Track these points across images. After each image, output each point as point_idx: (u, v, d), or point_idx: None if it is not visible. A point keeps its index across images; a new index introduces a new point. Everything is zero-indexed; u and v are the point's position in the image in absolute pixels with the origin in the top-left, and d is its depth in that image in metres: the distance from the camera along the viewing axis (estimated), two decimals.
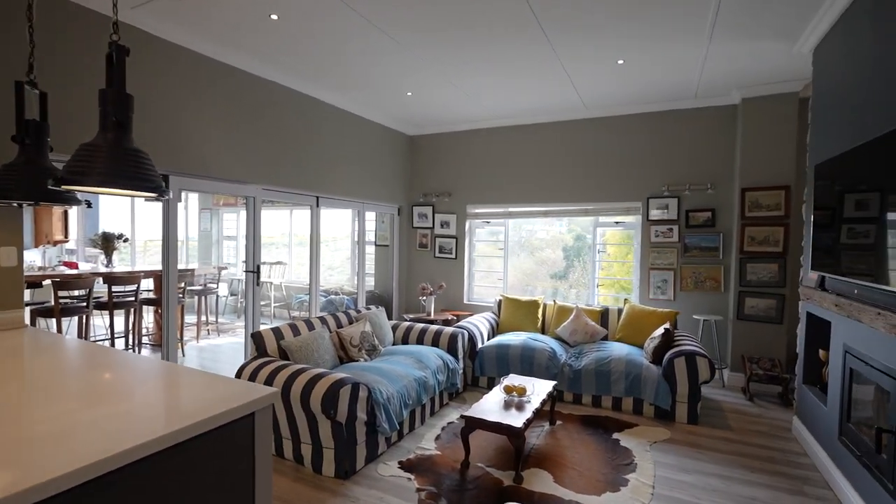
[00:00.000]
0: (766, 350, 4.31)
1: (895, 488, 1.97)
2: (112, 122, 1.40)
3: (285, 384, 2.68)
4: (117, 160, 1.37)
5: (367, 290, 5.80)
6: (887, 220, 2.02)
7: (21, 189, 1.84)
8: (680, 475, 2.73)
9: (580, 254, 6.79)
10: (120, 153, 1.38)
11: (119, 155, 1.38)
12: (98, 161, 1.34)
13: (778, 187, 4.26)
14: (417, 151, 6.25)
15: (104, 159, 1.35)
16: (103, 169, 1.34)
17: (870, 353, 2.23)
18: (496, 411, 2.83)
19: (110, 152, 1.37)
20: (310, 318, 3.65)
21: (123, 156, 1.38)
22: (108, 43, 1.41)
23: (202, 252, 8.14)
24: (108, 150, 1.37)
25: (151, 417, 1.27)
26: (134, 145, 1.44)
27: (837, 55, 2.90)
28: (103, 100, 1.40)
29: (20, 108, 1.93)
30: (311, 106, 4.56)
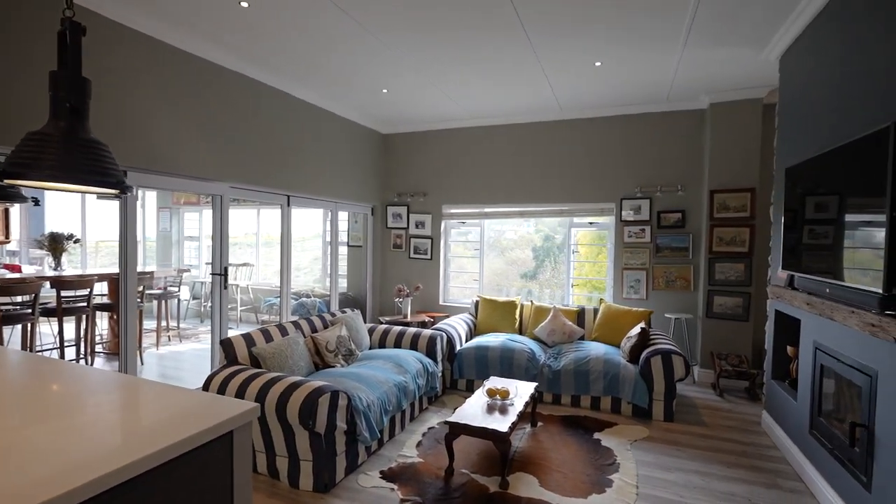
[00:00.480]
0: (733, 346, 4.46)
1: (868, 480, 2.04)
2: (65, 108, 1.24)
3: (259, 394, 2.52)
4: (71, 152, 1.21)
5: (339, 293, 5.63)
6: (857, 223, 2.10)
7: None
8: (662, 473, 2.75)
9: (549, 254, 6.88)
10: (75, 144, 1.22)
11: (74, 146, 1.22)
12: (49, 152, 1.18)
13: (744, 189, 4.41)
14: (391, 150, 6.13)
15: (56, 150, 1.19)
16: (55, 161, 1.18)
17: (842, 349, 2.31)
18: (480, 416, 2.77)
19: (63, 143, 1.21)
20: (282, 323, 3.47)
21: (79, 147, 1.22)
22: (61, 19, 1.25)
23: (161, 253, 7.69)
24: (61, 141, 1.21)
25: (108, 445, 1.12)
26: (91, 135, 1.28)
27: (804, 63, 3.01)
28: (55, 83, 1.24)
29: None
30: (281, 101, 4.37)
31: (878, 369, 1.99)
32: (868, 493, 2.03)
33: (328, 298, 5.65)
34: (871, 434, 2.03)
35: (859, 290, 2.02)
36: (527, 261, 7.04)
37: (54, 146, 1.19)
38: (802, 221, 2.69)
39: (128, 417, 1.31)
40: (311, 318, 3.78)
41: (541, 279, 6.54)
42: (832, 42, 2.58)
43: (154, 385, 1.55)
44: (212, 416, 1.28)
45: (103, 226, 7.16)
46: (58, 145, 1.20)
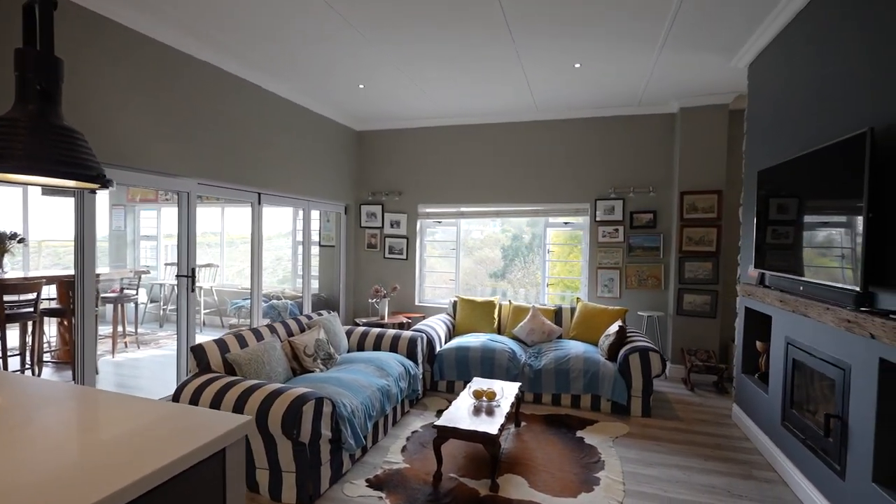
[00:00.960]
0: (701, 342, 4.64)
1: (842, 468, 2.15)
2: (35, 90, 1.09)
3: (237, 403, 2.37)
4: (43, 140, 1.07)
5: (312, 294, 5.44)
6: (832, 224, 2.21)
7: None
8: (645, 469, 2.81)
9: (518, 253, 6.96)
10: (47, 131, 1.08)
11: (45, 133, 1.08)
12: (17, 140, 1.04)
13: (711, 191, 4.60)
14: (366, 148, 6.00)
15: (26, 138, 1.05)
16: (24, 151, 1.04)
17: (814, 344, 2.43)
18: (468, 418, 2.73)
19: (33, 129, 1.07)
20: (257, 327, 3.30)
21: (52, 134, 1.08)
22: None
23: (114, 254, 7.19)
24: (31, 127, 1.07)
25: (84, 470, 0.99)
26: (64, 121, 1.14)
27: (773, 71, 3.16)
28: (22, 62, 1.09)
29: None
30: (253, 94, 4.17)
31: (851, 363, 2.10)
32: (842, 480, 2.14)
33: (300, 300, 5.45)
34: (844, 425, 2.14)
35: (835, 287, 2.12)
36: (496, 260, 7.10)
37: (23, 133, 1.05)
38: (775, 222, 2.82)
39: (106, 438, 1.17)
40: (287, 321, 3.62)
41: (510, 278, 6.59)
42: (803, 52, 2.71)
43: (131, 399, 1.41)
44: (201, 432, 1.18)
45: (47, 224, 6.62)
46: (27, 132, 1.05)
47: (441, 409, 3.72)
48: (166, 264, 6.81)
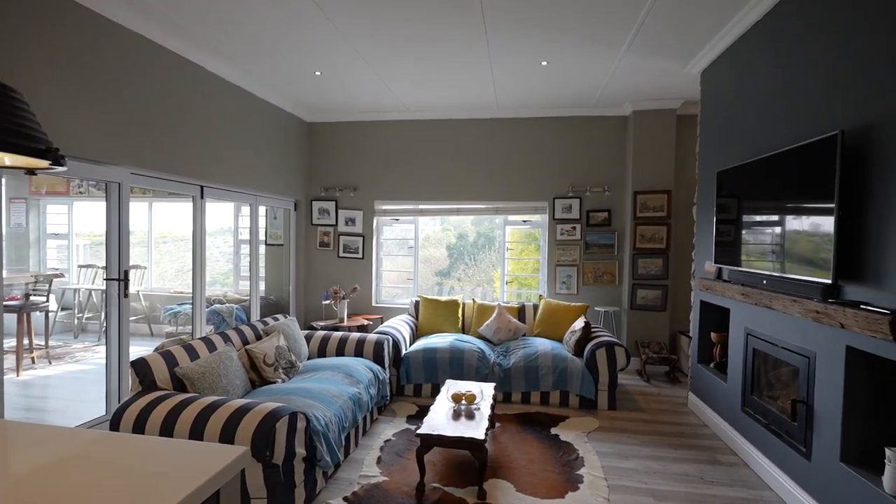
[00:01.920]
0: (653, 335, 4.87)
1: (808, 450, 2.30)
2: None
3: (196, 425, 2.07)
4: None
5: (259, 297, 5.02)
6: (799, 221, 2.35)
7: None
8: (622, 462, 2.86)
9: (464, 252, 6.98)
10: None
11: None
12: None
13: (662, 191, 4.84)
14: (317, 140, 5.65)
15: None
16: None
17: (776, 335, 2.59)
18: (450, 424, 2.61)
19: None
20: (208, 336, 2.94)
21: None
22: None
23: (13, 255, 6.19)
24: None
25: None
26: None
27: (726, 78, 3.34)
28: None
29: None
30: (194, 75, 3.72)
31: (816, 351, 2.25)
32: (808, 461, 2.29)
33: (246, 304, 5.01)
34: (810, 409, 2.29)
35: (803, 281, 2.26)
36: (441, 259, 7.06)
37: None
38: (737, 221, 2.98)
39: (74, 488, 0.91)
40: (241, 327, 3.28)
41: (456, 276, 6.57)
42: (760, 61, 2.88)
43: (72, 433, 1.13)
44: (192, 473, 0.96)
45: None
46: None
47: (411, 414, 3.56)
48: (80, 266, 5.98)
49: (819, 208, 2.12)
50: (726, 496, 2.51)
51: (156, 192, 5.86)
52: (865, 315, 1.83)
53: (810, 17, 2.38)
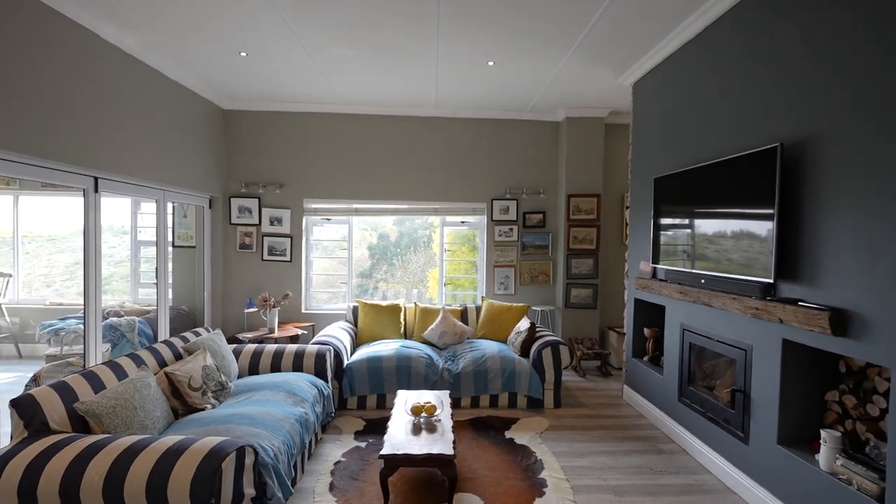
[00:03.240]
0: (586, 332, 5.11)
1: (745, 435, 2.51)
2: None
3: (112, 476, 1.65)
4: None
5: (169, 306, 4.36)
6: (739, 225, 2.56)
7: None
8: (578, 460, 2.90)
9: (386, 253, 6.83)
10: None
11: None
12: None
13: (592, 195, 5.10)
14: (235, 130, 5.06)
15: None
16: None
17: (713, 329, 2.80)
18: (413, 440, 2.44)
19: None
20: (114, 360, 2.44)
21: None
22: None
23: None
24: None
25: None
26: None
27: (658, 91, 3.59)
28: None
29: None
30: (86, 42, 3.08)
31: (753, 344, 2.46)
32: (746, 445, 2.50)
33: (149, 315, 4.32)
34: (747, 397, 2.50)
35: (742, 280, 2.45)
36: (362, 259, 6.83)
37: None
38: (675, 224, 3.19)
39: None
40: (155, 347, 2.77)
41: (376, 278, 6.39)
42: (695, 76, 3.11)
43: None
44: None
45: None
46: None
47: (358, 430, 3.31)
48: None
49: (759, 213, 2.32)
50: (674, 484, 2.66)
51: (24, 184, 4.83)
52: (805, 311, 2.02)
53: (743, 40, 2.61)
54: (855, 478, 1.88)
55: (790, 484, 2.19)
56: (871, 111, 1.83)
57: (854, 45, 1.91)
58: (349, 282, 5.39)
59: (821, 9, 2.08)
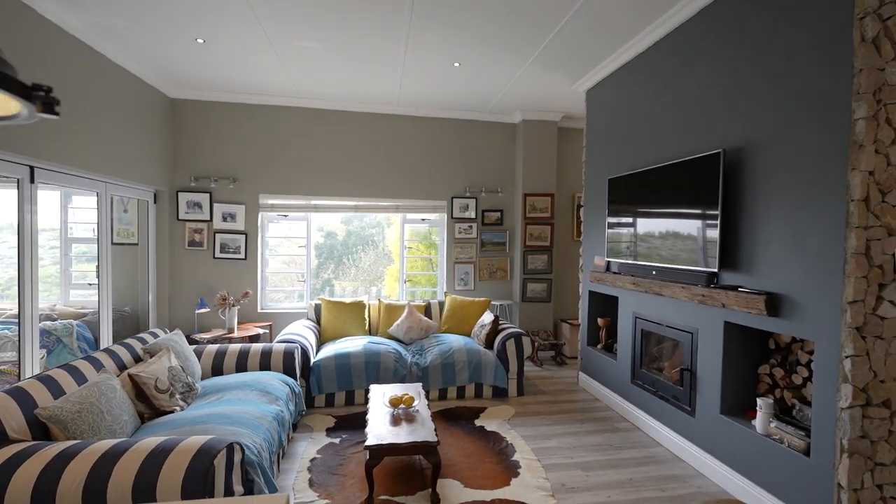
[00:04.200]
0: (541, 324, 5.38)
1: (692, 409, 2.82)
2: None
3: (92, 484, 1.56)
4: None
5: (111, 308, 4.04)
6: (687, 223, 2.86)
7: None
8: (545, 442, 3.09)
9: (333, 252, 6.81)
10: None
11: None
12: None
13: (546, 194, 5.38)
14: (183, 120, 4.78)
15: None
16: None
17: (662, 316, 3.11)
18: (395, 430, 2.48)
19: None
20: (72, 364, 2.26)
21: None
22: None
23: None
24: None
25: None
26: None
27: (610, 98, 3.88)
28: None
29: None
30: (19, 16, 2.80)
31: (698, 327, 2.77)
32: (693, 417, 2.80)
33: (88, 318, 3.98)
34: (693, 375, 2.81)
35: (690, 271, 2.75)
36: (272, 260, 6.77)
37: None
38: (628, 220, 3.48)
39: None
40: (112, 349, 2.60)
41: (322, 277, 6.35)
42: (645, 86, 3.41)
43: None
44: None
45: None
46: None
47: (329, 426, 3.29)
48: None
49: (705, 211, 2.62)
50: (632, 457, 2.92)
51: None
52: (745, 296, 2.33)
53: (684, 60, 2.92)
54: (786, 437, 2.20)
55: (732, 448, 2.50)
56: (793, 125, 2.15)
57: (776, 70, 2.23)
58: (307, 280, 5.28)
59: (743, 41, 2.40)
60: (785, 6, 2.23)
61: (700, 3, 2.75)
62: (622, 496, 2.47)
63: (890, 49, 1.85)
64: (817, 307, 2.03)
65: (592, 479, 2.63)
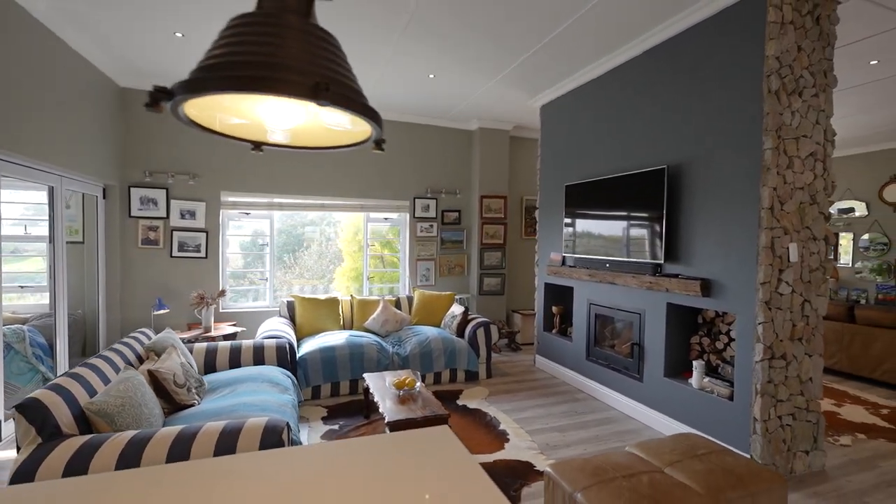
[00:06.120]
0: (496, 315, 5.89)
1: (640, 376, 3.45)
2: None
3: (174, 459, 1.68)
4: (306, 41, 0.69)
5: (67, 312, 3.76)
6: (636, 224, 3.48)
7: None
8: (522, 414, 3.56)
9: (263, 252, 6.82)
10: (307, 31, 0.70)
11: (309, 34, 0.70)
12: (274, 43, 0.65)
13: (500, 196, 5.90)
14: (133, 111, 4.52)
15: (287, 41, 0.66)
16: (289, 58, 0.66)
17: (613, 302, 3.72)
18: (406, 408, 2.77)
19: (292, 28, 0.68)
20: (88, 362, 2.23)
21: (314, 34, 0.70)
22: None
23: None
24: (289, 25, 0.68)
25: None
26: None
27: (563, 115, 4.47)
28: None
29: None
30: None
31: (646, 309, 3.40)
32: (641, 382, 3.44)
33: (44, 321, 3.68)
34: (641, 348, 3.45)
35: (643, 262, 3.37)
36: (234, 259, 6.71)
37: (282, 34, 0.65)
38: (583, 221, 4.06)
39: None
40: (117, 348, 2.56)
41: (248, 278, 6.36)
42: (597, 106, 4.02)
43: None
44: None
45: None
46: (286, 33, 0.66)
47: (324, 416, 3.45)
48: None
49: (652, 214, 3.24)
50: (593, 419, 3.49)
51: None
52: (684, 282, 2.97)
53: (634, 87, 3.55)
54: (716, 388, 2.87)
55: (674, 402, 3.15)
56: (722, 150, 2.82)
57: (709, 108, 2.90)
58: (270, 278, 5.25)
59: (682, 82, 3.06)
60: (714, 64, 2.89)
61: (647, 45, 3.38)
62: (594, 448, 3.00)
63: (786, 99, 2.55)
64: (738, 288, 2.70)
65: (568, 438, 3.14)
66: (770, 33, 2.52)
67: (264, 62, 0.65)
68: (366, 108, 0.72)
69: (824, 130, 2.67)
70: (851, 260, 6.31)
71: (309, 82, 0.64)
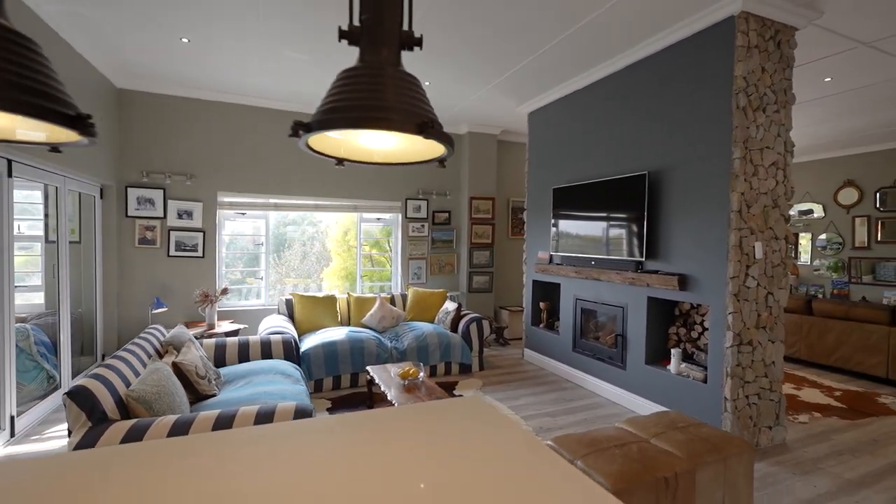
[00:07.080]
0: (484, 311, 6.15)
1: (623, 364, 3.75)
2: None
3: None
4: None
5: (70, 311, 3.80)
6: (620, 224, 3.78)
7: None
8: (515, 402, 3.81)
9: (245, 253, 6.95)
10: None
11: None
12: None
13: (488, 198, 6.15)
14: (131, 112, 4.57)
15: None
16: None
17: (598, 297, 4.02)
18: (412, 396, 2.98)
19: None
20: (118, 355, 2.36)
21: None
22: None
23: None
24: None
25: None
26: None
27: (549, 121, 4.76)
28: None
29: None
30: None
31: (628, 302, 3.71)
32: (624, 370, 3.74)
33: (47, 320, 3.72)
34: (625, 338, 3.75)
35: (626, 260, 3.67)
36: (231, 257, 6.82)
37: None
38: (570, 221, 4.35)
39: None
40: (138, 342, 2.68)
41: (231, 278, 6.48)
42: (585, 114, 4.31)
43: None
44: None
45: None
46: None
47: (328, 407, 3.62)
48: None
49: (634, 216, 3.54)
50: (581, 405, 3.77)
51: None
52: (664, 277, 3.27)
53: (618, 99, 3.85)
54: (691, 373, 3.18)
55: (654, 387, 3.45)
56: (697, 159, 3.13)
57: (687, 120, 3.21)
58: (265, 277, 5.35)
59: (663, 96, 3.37)
60: (690, 80, 3.20)
61: (628, 61, 3.68)
62: (583, 430, 3.26)
63: (752, 115, 2.87)
64: (711, 282, 3.02)
65: (559, 422, 3.41)
66: (738, 56, 2.84)
67: (375, 105, 0.85)
68: (450, 139, 0.94)
69: (784, 142, 3.02)
70: (810, 258, 6.84)
71: (416, 121, 0.85)
